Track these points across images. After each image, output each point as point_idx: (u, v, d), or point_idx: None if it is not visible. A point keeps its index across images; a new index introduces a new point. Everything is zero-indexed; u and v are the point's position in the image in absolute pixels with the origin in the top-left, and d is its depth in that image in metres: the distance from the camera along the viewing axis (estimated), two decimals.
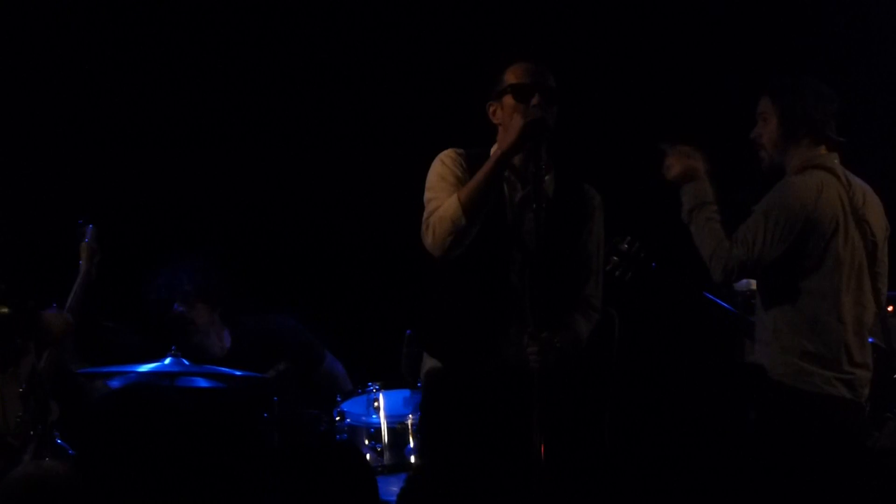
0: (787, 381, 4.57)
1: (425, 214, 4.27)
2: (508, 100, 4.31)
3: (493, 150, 4.33)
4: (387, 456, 5.17)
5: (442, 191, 4.28)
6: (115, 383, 5.29)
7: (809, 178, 4.64)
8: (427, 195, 4.32)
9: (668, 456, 5.99)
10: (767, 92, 4.75)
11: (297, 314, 5.84)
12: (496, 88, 4.35)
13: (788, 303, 4.61)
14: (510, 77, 4.32)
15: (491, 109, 4.37)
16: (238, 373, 5.18)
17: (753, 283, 5.06)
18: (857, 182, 4.74)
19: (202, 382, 5.30)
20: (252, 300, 5.84)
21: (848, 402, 4.59)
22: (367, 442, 5.24)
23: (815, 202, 4.58)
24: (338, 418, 5.28)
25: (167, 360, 5.09)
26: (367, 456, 5.23)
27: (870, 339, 4.73)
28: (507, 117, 4.29)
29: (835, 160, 4.72)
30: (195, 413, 5.40)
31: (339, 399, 5.34)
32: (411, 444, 5.15)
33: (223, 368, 5.20)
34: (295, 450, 4.95)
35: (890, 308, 5.14)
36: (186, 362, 5.13)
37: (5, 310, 4.41)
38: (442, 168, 4.35)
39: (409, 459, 5.16)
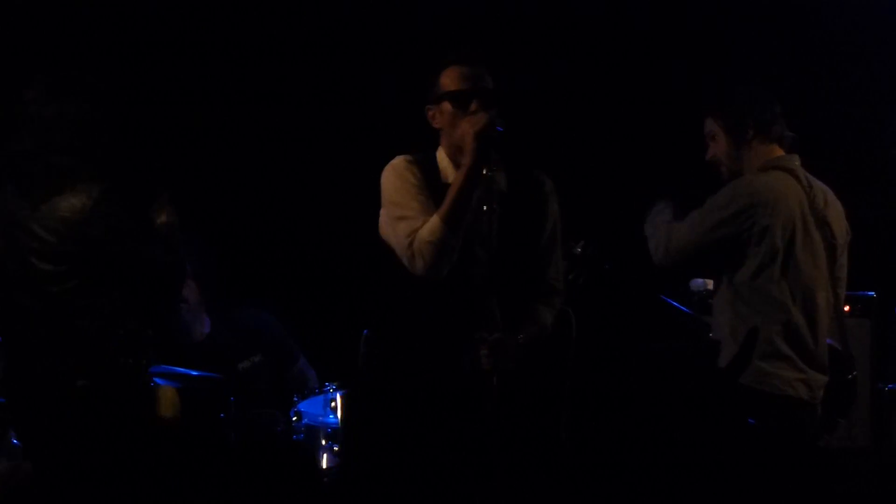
0: (745, 382, 4.58)
1: (402, 233, 4.19)
2: (447, 106, 4.27)
3: (438, 153, 4.33)
4: None
5: (409, 204, 4.21)
6: None
7: (766, 176, 4.66)
8: (393, 211, 4.24)
9: (626, 454, 6.00)
10: (707, 112, 4.79)
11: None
12: (433, 93, 4.31)
13: (745, 304, 4.62)
14: (446, 82, 4.27)
15: (430, 113, 4.33)
16: (194, 373, 5.16)
17: (710, 283, 5.08)
18: (819, 184, 4.76)
19: (158, 382, 5.26)
20: (233, 290, 5.88)
21: (805, 403, 4.61)
22: (324, 442, 5.24)
23: (770, 197, 4.60)
24: (295, 418, 5.27)
25: None
26: (325, 456, 5.24)
27: (827, 341, 4.76)
28: (446, 123, 4.27)
29: (795, 162, 4.74)
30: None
31: (296, 399, 5.33)
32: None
33: (178, 368, 5.19)
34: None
35: (847, 308, 5.17)
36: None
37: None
38: (397, 179, 4.28)
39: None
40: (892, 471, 5.54)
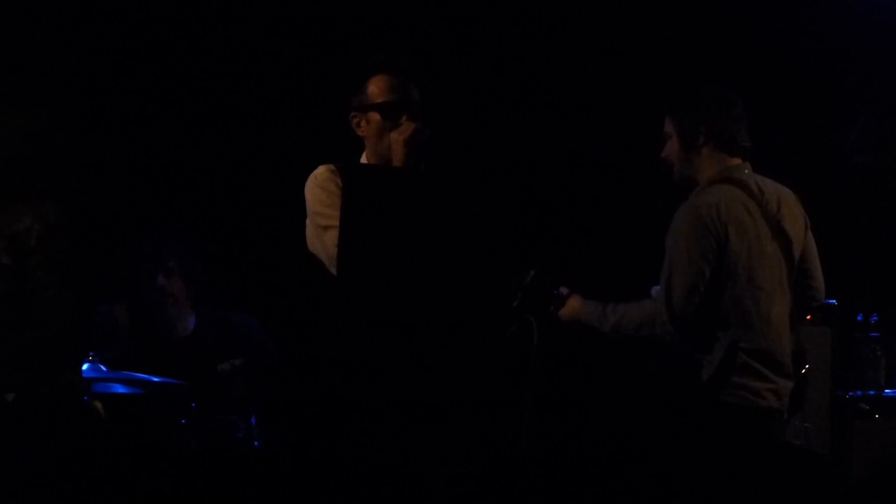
0: (713, 394, 4.60)
1: (330, 243, 4.14)
2: (374, 116, 4.27)
3: (362, 161, 4.31)
4: None
5: (334, 214, 4.14)
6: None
7: (711, 195, 4.63)
8: (318, 220, 4.22)
9: (588, 463, 6.00)
10: (666, 110, 4.77)
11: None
12: (360, 101, 4.31)
13: (711, 318, 4.62)
14: (374, 92, 4.28)
15: (355, 121, 4.33)
16: (156, 379, 5.14)
17: None
18: (771, 187, 4.74)
19: (119, 388, 5.25)
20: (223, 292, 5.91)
21: (774, 411, 4.62)
22: None
23: (717, 216, 4.58)
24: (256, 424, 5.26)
25: (84, 367, 5.03)
26: None
27: None
28: (373, 133, 4.27)
29: (745, 171, 4.72)
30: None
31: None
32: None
33: (140, 374, 5.16)
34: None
35: (808, 317, 5.19)
36: (104, 368, 5.08)
37: None
38: (321, 189, 4.25)
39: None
40: (851, 478, 5.56)
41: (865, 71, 6.46)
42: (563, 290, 4.82)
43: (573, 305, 4.78)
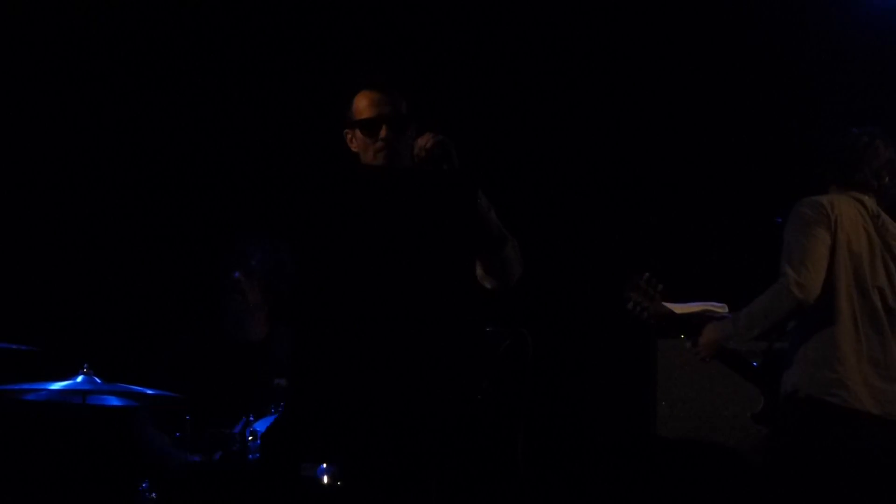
0: (816, 396, 4.68)
1: None
2: (358, 133, 4.33)
3: None
4: None
5: None
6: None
7: (819, 196, 4.84)
8: None
9: (582, 475, 6.01)
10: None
11: None
12: (348, 118, 4.37)
13: (816, 323, 4.73)
14: (358, 108, 4.34)
15: (348, 137, 4.39)
16: (150, 391, 5.13)
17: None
18: (889, 219, 4.90)
19: (114, 401, 5.24)
20: None
21: (875, 417, 4.69)
22: None
23: (827, 207, 4.76)
24: (251, 437, 5.24)
25: (79, 378, 5.02)
26: None
27: None
28: (361, 149, 4.33)
29: (864, 196, 4.86)
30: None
31: (251, 419, 5.30)
32: (324, 464, 5.12)
33: (136, 387, 5.15)
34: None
35: None
36: (99, 380, 5.07)
37: None
38: None
39: (321, 479, 5.12)
40: None
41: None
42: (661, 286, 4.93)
43: (709, 328, 4.87)
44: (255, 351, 5.67)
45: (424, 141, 4.13)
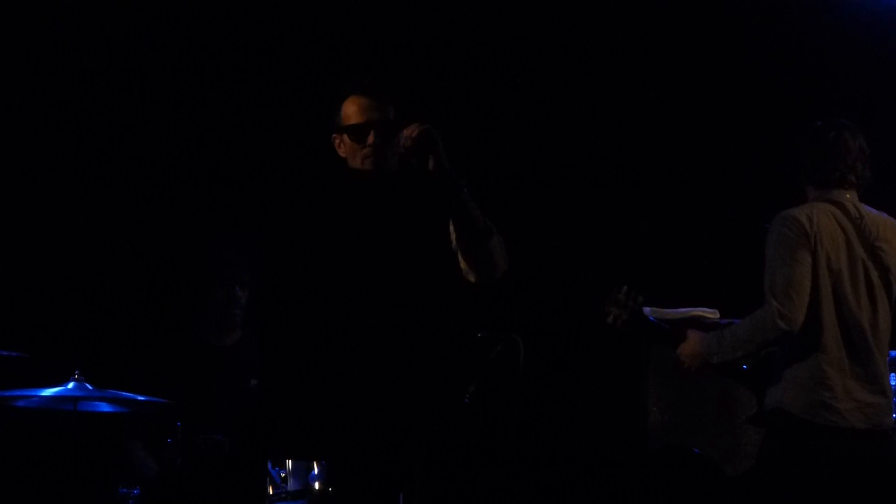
0: (800, 416, 4.66)
1: None
2: (346, 138, 4.33)
3: None
4: (290, 482, 5.13)
5: None
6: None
7: (798, 210, 4.78)
8: None
9: (574, 480, 6.00)
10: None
11: None
12: (336, 123, 4.37)
13: (800, 343, 4.70)
14: (345, 114, 4.34)
15: (336, 142, 4.39)
16: (141, 398, 5.12)
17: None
18: (873, 214, 4.85)
19: (105, 407, 5.24)
20: None
21: (861, 431, 4.68)
22: (270, 467, 5.21)
23: (805, 224, 4.71)
24: None
25: (70, 385, 5.01)
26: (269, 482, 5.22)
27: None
28: (349, 154, 4.33)
29: (845, 195, 4.81)
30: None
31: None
32: (315, 471, 5.12)
33: (127, 393, 5.15)
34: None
35: None
36: (90, 387, 5.06)
37: None
38: None
39: (312, 486, 5.12)
40: None
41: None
42: (647, 310, 4.89)
43: (692, 340, 4.85)
44: (229, 353, 5.64)
45: (410, 131, 4.13)
